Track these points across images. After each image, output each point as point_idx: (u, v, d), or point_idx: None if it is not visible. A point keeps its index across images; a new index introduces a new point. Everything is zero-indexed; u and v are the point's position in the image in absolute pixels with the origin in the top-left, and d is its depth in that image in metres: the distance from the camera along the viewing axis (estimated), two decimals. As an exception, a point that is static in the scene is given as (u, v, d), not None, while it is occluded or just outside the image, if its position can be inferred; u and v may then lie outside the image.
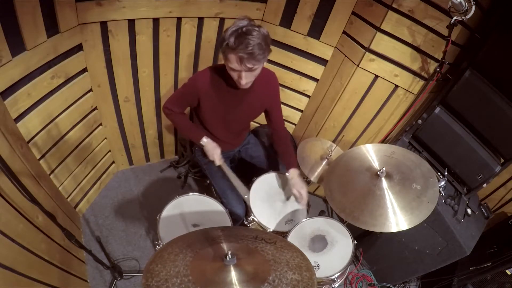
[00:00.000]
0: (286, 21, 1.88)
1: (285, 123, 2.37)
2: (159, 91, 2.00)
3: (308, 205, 1.64)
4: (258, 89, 1.43)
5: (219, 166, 1.55)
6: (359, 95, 1.93)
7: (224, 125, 1.56)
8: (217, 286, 0.82)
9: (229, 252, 0.84)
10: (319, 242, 1.46)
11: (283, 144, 1.67)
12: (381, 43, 1.69)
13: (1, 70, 1.16)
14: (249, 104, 1.51)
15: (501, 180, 1.82)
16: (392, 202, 1.28)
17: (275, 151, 1.72)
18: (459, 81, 1.57)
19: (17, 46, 1.19)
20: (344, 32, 1.83)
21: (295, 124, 2.39)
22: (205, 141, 1.53)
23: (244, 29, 1.15)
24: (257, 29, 1.17)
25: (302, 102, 2.23)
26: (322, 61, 2.00)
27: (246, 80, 1.27)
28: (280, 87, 1.58)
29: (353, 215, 1.30)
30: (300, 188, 1.53)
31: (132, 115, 2.03)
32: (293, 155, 1.66)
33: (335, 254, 1.41)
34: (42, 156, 1.55)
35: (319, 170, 1.76)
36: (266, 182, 1.68)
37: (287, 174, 1.60)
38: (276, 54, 2.00)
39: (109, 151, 2.17)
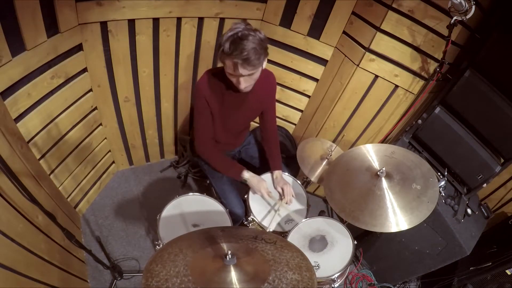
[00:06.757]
0: (286, 21, 1.88)
1: (285, 123, 2.38)
2: (159, 91, 2.00)
3: (308, 205, 1.65)
4: (258, 90, 1.42)
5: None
6: (359, 95, 1.93)
7: (225, 126, 1.56)
8: (217, 286, 0.82)
9: (229, 252, 0.84)
10: (319, 242, 1.46)
11: (274, 146, 1.70)
12: (381, 43, 1.69)
13: (1, 70, 1.16)
14: (250, 105, 1.51)
15: (501, 180, 1.82)
16: (392, 202, 1.28)
17: (264, 149, 1.75)
18: (459, 81, 1.57)
19: (17, 46, 1.19)
20: (344, 32, 1.83)
21: (295, 124, 2.38)
22: (247, 176, 1.53)
23: (240, 34, 1.14)
24: (253, 33, 1.15)
25: (302, 102, 2.23)
26: (322, 61, 2.00)
27: (245, 84, 1.27)
28: (280, 87, 1.58)
29: (353, 215, 1.30)
30: (283, 185, 1.61)
31: (132, 115, 2.03)
32: (280, 158, 1.72)
33: (335, 254, 1.41)
34: (42, 156, 1.55)
35: (319, 170, 1.76)
36: (266, 182, 1.68)
37: (271, 173, 1.69)
38: (276, 54, 2.00)
39: (109, 151, 2.17)
